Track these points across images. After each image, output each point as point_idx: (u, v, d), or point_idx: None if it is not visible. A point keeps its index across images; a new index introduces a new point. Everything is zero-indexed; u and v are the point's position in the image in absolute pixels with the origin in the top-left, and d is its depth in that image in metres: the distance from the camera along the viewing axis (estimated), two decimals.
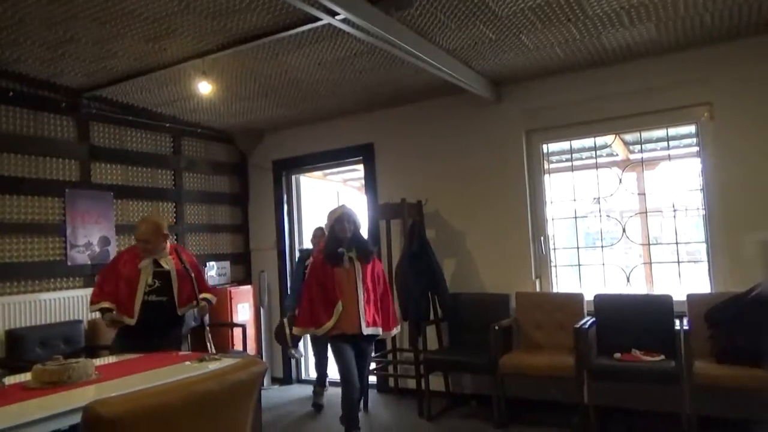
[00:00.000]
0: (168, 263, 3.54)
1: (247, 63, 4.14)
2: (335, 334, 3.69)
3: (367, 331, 3.70)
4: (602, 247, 4.89)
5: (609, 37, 3.92)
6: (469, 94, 4.75)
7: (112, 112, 4.98)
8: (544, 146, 4.91)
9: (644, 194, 5.04)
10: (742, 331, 3.56)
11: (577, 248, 4.85)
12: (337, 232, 3.77)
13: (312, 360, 5.54)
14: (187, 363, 2.87)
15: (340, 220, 3.76)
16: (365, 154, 5.58)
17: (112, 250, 4.89)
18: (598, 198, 4.87)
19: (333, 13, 3.16)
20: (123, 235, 5.03)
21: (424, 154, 5.23)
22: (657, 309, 4.08)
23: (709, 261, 4.24)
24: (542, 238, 4.80)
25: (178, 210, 5.58)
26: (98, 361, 3.08)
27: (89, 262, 4.73)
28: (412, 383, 4.98)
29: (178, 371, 2.77)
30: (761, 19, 3.71)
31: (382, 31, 3.25)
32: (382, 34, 3.29)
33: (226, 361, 2.83)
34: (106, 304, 3.37)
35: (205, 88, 4.13)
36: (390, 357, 5.29)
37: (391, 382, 5.35)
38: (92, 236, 4.79)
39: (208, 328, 3.67)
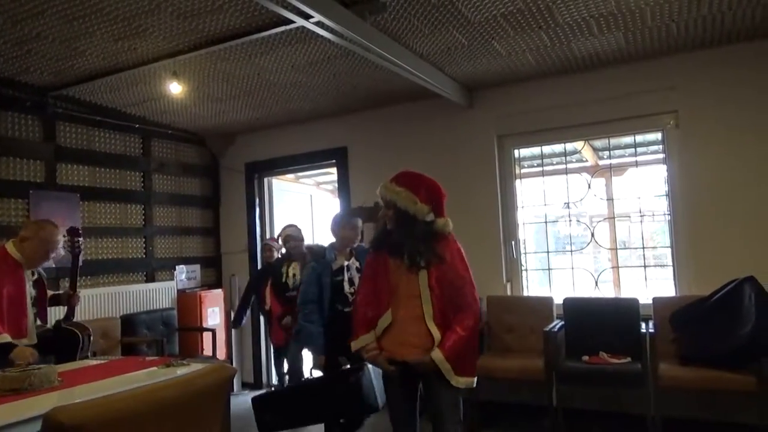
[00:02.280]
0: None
1: (219, 64, 4.09)
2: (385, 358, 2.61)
3: (438, 356, 2.47)
4: (572, 251, 4.96)
5: (579, 45, 3.99)
6: (442, 99, 4.78)
7: (80, 111, 4.87)
8: (516, 151, 4.97)
9: (612, 199, 5.14)
10: (704, 333, 3.65)
11: (548, 252, 4.92)
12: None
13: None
14: (155, 368, 2.82)
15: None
16: (339, 157, 5.57)
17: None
18: (568, 203, 4.95)
19: (306, 16, 3.15)
20: (90, 238, 4.92)
21: (398, 158, 5.23)
22: (624, 312, 4.15)
23: (674, 265, 4.34)
24: (513, 242, 4.85)
25: (147, 212, 5.48)
26: (61, 368, 3.00)
27: (53, 265, 4.61)
28: None
29: (145, 377, 2.71)
30: (725, 31, 3.82)
31: (356, 34, 3.24)
32: (356, 38, 3.29)
33: (195, 367, 2.78)
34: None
35: (175, 88, 4.07)
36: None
37: None
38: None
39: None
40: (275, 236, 5.31)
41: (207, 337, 5.26)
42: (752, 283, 3.57)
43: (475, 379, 2.48)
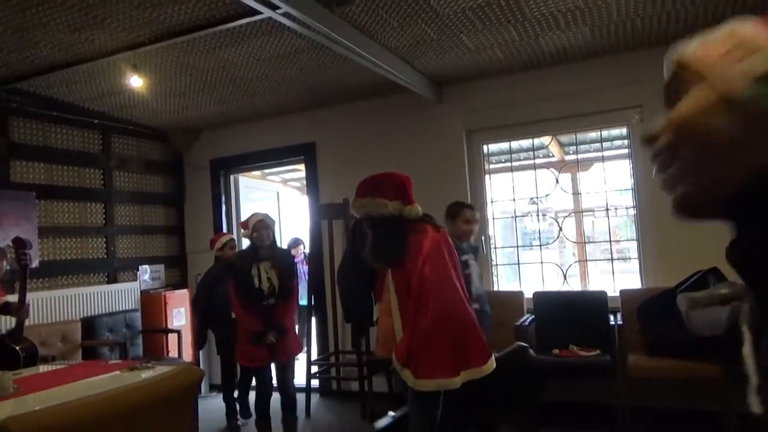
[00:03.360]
0: None
1: (181, 57, 3.97)
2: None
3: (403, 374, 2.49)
4: (540, 245, 5.00)
5: (546, 40, 4.00)
6: (411, 94, 4.75)
7: (35, 106, 4.66)
8: (485, 147, 4.97)
9: (579, 194, 5.20)
10: (670, 324, 3.70)
11: (517, 247, 4.94)
12: None
13: None
14: (117, 372, 2.70)
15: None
16: (307, 153, 5.48)
17: (35, 254, 4.58)
18: (536, 198, 4.98)
19: (273, 7, 3.06)
20: (47, 238, 4.73)
21: (367, 154, 5.19)
22: (592, 305, 4.20)
23: (639, 258, 4.41)
24: (483, 237, 4.86)
25: (108, 211, 5.30)
26: (16, 374, 2.85)
27: (8, 267, 4.40)
28: (355, 385, 4.92)
29: (107, 382, 2.59)
30: (687, 27, 3.88)
31: (324, 26, 3.18)
32: (324, 30, 3.23)
33: (160, 369, 2.68)
34: None
35: (136, 82, 3.93)
36: (332, 359, 5.21)
37: (334, 384, 5.28)
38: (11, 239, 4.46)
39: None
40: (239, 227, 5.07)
41: (172, 338, 5.11)
42: (716, 274, 3.65)
43: (443, 381, 2.33)
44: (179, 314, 5.45)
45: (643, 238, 4.36)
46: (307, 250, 5.97)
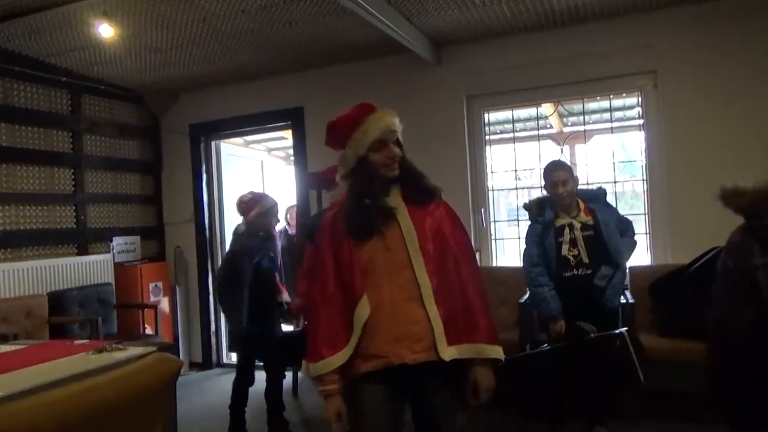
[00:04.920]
0: None
1: (157, 6, 3.57)
2: (365, 372, 1.73)
3: (448, 353, 1.71)
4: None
5: None
6: (407, 55, 4.40)
7: None
8: (485, 115, 4.67)
9: (576, 165, 4.94)
10: (684, 304, 3.49)
11: (518, 221, 4.67)
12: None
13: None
14: (83, 354, 2.38)
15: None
16: (294, 118, 5.12)
17: None
18: (529, 170, 4.71)
19: None
20: (9, 206, 4.33)
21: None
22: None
23: (648, 233, 4.18)
24: (482, 209, 4.58)
25: (77, 177, 4.89)
26: None
27: None
28: None
29: (74, 365, 2.28)
30: None
31: None
32: None
33: (133, 351, 2.37)
34: None
35: (106, 30, 3.53)
36: None
37: None
38: None
39: None
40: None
41: (149, 314, 4.78)
42: None
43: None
44: (156, 288, 5.11)
45: (654, 212, 4.12)
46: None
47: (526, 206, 3.42)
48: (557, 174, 3.18)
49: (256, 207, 3.52)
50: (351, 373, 1.73)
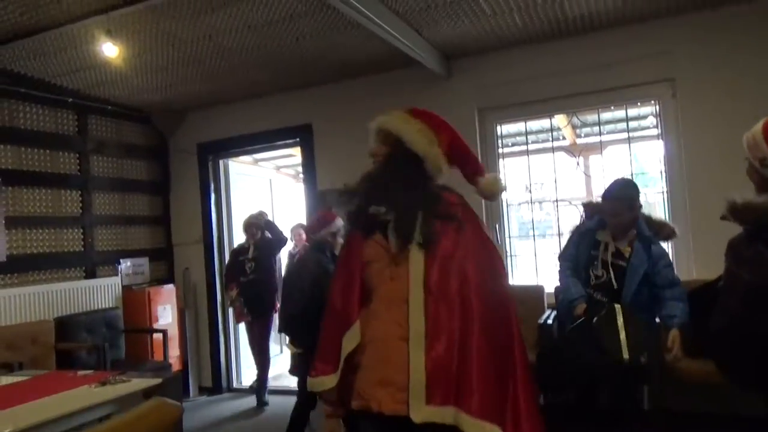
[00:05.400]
0: None
1: (162, 23, 3.51)
2: (355, 408, 1.58)
3: (421, 414, 1.44)
4: (559, 234, 4.60)
5: (572, 4, 3.57)
6: (417, 69, 4.32)
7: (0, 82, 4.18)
8: (498, 127, 4.56)
9: (591, 177, 4.81)
10: (716, 321, 3.32)
11: (533, 237, 4.53)
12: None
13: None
14: (86, 387, 2.27)
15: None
16: (303, 135, 5.03)
17: (2, 247, 4.11)
18: (554, 183, 4.58)
19: None
20: (16, 230, 4.26)
21: (368, 135, 4.74)
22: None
23: (671, 247, 4.02)
24: (497, 225, 4.45)
25: (85, 199, 4.82)
26: None
27: None
28: None
29: (75, 400, 2.17)
30: None
31: None
32: None
33: (137, 384, 2.25)
34: None
35: (110, 50, 3.47)
36: None
37: None
38: None
39: None
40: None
41: (158, 339, 4.67)
42: None
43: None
44: (165, 312, 5.00)
45: (676, 225, 3.96)
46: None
47: (584, 204, 3.27)
48: (612, 204, 2.90)
49: (327, 226, 3.36)
50: (349, 404, 1.59)
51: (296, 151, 5.95)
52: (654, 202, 4.93)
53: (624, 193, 2.93)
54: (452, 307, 1.48)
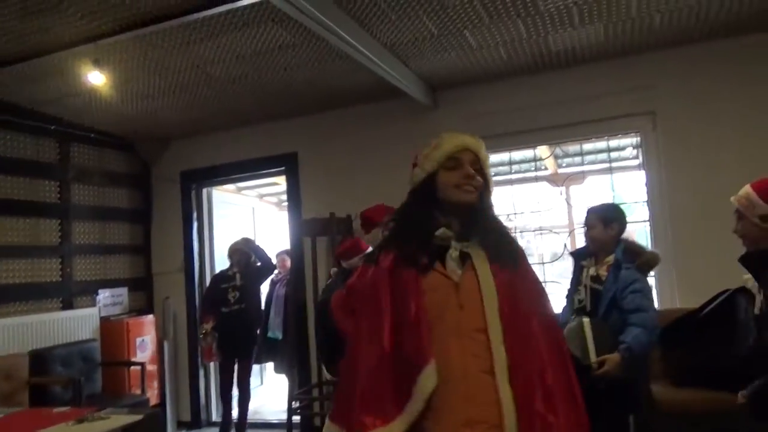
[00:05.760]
0: None
1: (150, 52, 3.50)
2: None
3: None
4: (542, 263, 4.62)
5: (556, 38, 3.66)
6: (403, 100, 4.37)
7: None
8: None
9: (572, 206, 4.87)
10: (701, 350, 3.34)
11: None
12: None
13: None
14: (64, 425, 2.18)
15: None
16: (288, 164, 5.02)
17: None
18: (538, 213, 4.63)
19: None
20: None
21: (354, 165, 4.76)
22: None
23: (654, 276, 4.06)
24: None
25: (64, 228, 4.72)
26: None
27: None
28: None
29: None
30: (707, 25, 3.60)
31: (317, 12, 2.77)
32: (318, 17, 2.81)
33: (116, 420, 2.17)
34: None
35: (96, 78, 3.44)
36: (315, 393, 4.69)
37: (318, 420, 4.75)
38: None
39: None
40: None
41: (136, 372, 4.53)
42: (747, 294, 3.28)
43: None
44: (143, 344, 4.87)
45: (656, 252, 4.01)
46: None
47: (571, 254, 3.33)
48: (587, 217, 3.04)
49: (360, 254, 3.20)
50: None
51: (280, 180, 5.94)
52: (632, 231, 5.01)
53: (600, 208, 3.05)
54: (525, 333, 1.42)
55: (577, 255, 3.16)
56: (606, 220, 2.99)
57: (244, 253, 4.67)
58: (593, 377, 2.62)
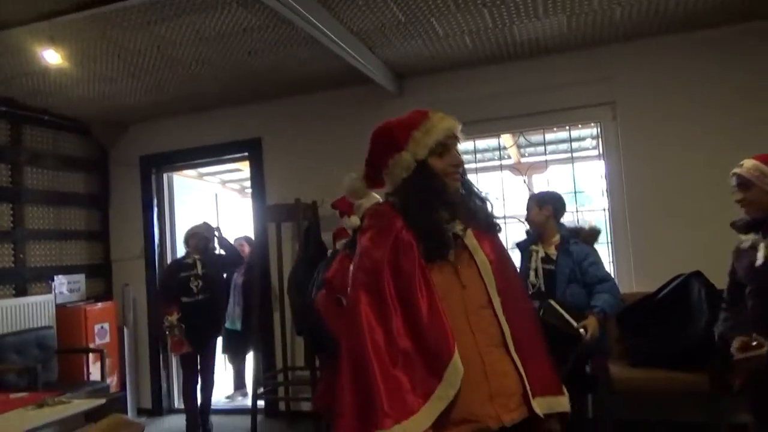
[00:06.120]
0: None
1: (109, 32, 3.39)
2: None
3: (541, 407, 1.42)
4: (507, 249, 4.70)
5: (521, 28, 3.71)
6: (368, 87, 4.36)
7: None
8: None
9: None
10: (654, 332, 3.48)
11: None
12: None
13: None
14: (22, 410, 2.12)
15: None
16: (252, 150, 4.96)
17: None
18: (502, 200, 4.70)
19: None
20: None
21: (319, 151, 4.74)
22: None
23: (612, 262, 4.19)
24: None
25: (17, 212, 4.56)
26: None
27: None
28: (306, 405, 4.45)
29: (11, 424, 2.02)
30: (666, 19, 3.71)
31: None
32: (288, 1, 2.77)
33: (78, 405, 2.13)
34: None
35: (51, 57, 3.33)
36: (280, 377, 4.69)
37: (282, 405, 4.76)
38: None
39: None
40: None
41: (95, 361, 4.43)
42: (699, 278, 3.44)
43: None
44: (102, 330, 4.76)
45: (617, 242, 4.15)
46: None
47: (526, 231, 3.51)
48: (528, 202, 3.35)
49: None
50: None
51: (243, 166, 5.86)
52: (590, 219, 5.15)
53: (537, 193, 3.41)
54: (518, 304, 1.51)
55: (523, 245, 3.38)
56: (540, 201, 3.28)
57: (203, 237, 4.42)
58: (584, 344, 2.83)
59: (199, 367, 4.34)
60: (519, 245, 3.44)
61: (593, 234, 3.34)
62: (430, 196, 1.50)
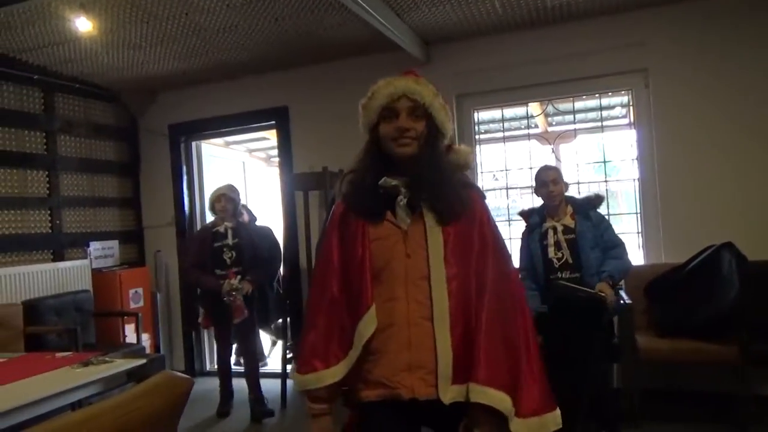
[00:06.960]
0: None
1: (138, 0, 3.41)
2: (367, 401, 1.48)
3: (449, 394, 1.40)
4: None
5: None
6: (395, 54, 4.31)
7: None
8: (475, 114, 4.60)
9: (562, 164, 4.91)
10: (683, 303, 3.46)
11: (509, 221, 4.60)
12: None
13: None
14: (68, 368, 2.23)
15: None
16: (279, 118, 4.98)
17: None
18: (529, 170, 4.65)
19: None
20: None
21: (346, 119, 4.63)
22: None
23: (641, 233, 4.15)
24: None
25: (52, 180, 4.67)
26: None
27: None
28: None
29: (58, 381, 2.12)
30: None
31: None
32: None
33: (121, 364, 2.22)
34: None
35: (83, 24, 3.36)
36: None
37: None
38: None
39: None
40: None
41: (129, 322, 4.59)
42: (731, 249, 3.39)
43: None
44: (137, 295, 4.91)
45: (646, 212, 4.10)
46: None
47: (520, 213, 3.54)
48: (547, 173, 3.28)
49: None
50: (354, 398, 1.48)
51: (269, 134, 5.89)
52: (617, 190, 5.09)
53: (550, 167, 3.40)
54: (469, 283, 1.44)
55: (530, 215, 3.43)
56: (562, 176, 3.34)
57: (230, 199, 4.05)
58: (608, 305, 2.99)
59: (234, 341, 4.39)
60: (525, 214, 3.48)
61: (600, 201, 3.39)
62: (369, 160, 1.53)
